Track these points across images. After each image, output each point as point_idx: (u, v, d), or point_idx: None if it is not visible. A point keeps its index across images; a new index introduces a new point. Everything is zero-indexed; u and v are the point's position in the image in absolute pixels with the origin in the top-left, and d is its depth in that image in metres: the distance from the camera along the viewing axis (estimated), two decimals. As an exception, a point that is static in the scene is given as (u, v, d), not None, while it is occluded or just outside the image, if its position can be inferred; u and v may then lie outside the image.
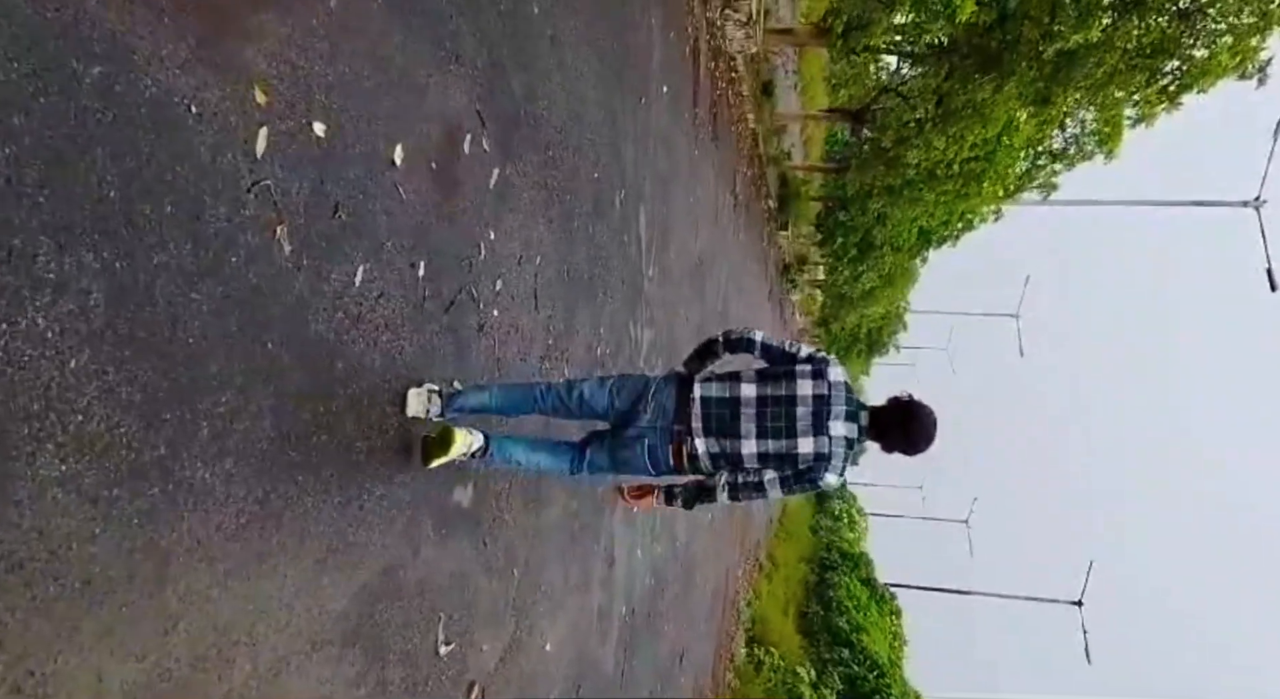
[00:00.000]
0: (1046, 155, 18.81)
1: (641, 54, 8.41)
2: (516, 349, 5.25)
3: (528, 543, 5.62)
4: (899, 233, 24.53)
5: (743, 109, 17.41)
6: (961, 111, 12.45)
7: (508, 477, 5.18)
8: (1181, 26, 10.19)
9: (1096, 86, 11.60)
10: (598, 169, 6.86)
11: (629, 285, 8.22)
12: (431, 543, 4.19)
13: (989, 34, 11.75)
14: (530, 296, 5.46)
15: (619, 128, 7.54)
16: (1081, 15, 10.11)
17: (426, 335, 4.04)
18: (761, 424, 3.66)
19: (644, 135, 8.55)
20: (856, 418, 3.72)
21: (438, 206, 4.10)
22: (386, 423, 3.71)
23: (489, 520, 4.94)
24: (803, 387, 3.68)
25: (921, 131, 15.67)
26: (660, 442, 3.79)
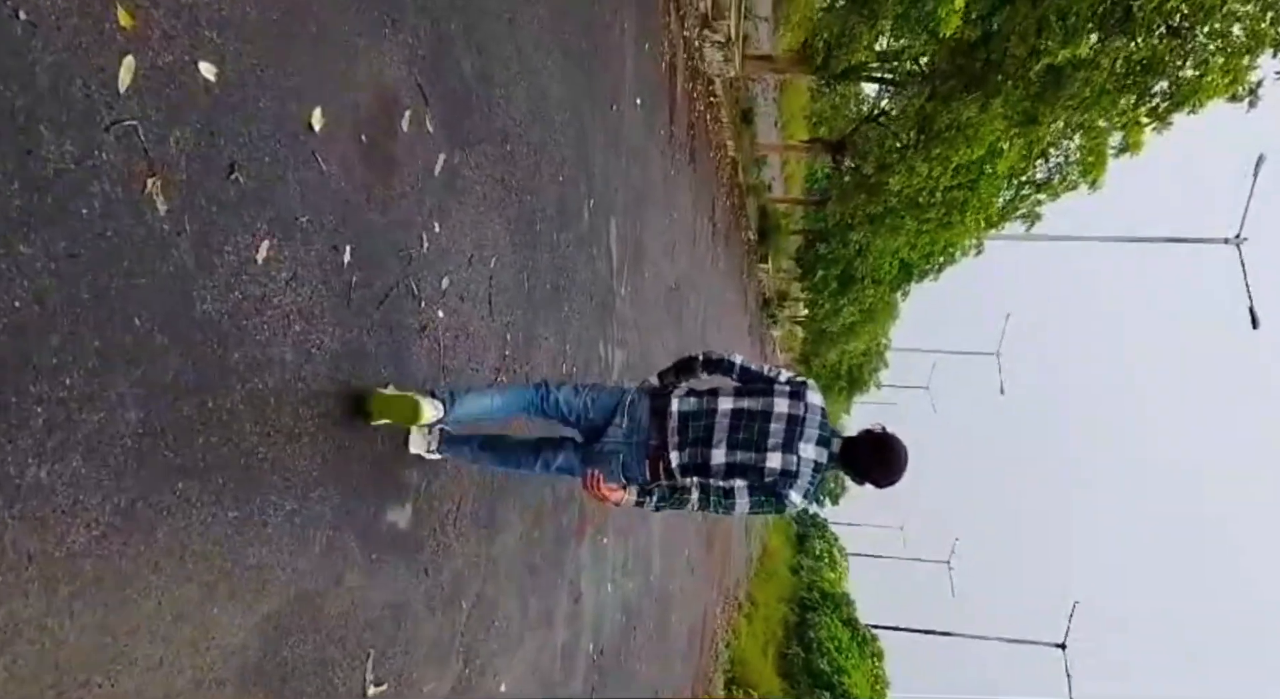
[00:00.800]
0: (1030, 185, 18.53)
1: (613, 59, 8.01)
2: (467, 356, 4.76)
3: (480, 573, 5.09)
4: (880, 265, 24.19)
5: (721, 135, 17.08)
6: (945, 132, 12.11)
7: (455, 497, 4.67)
8: (1172, 43, 9.91)
9: (1085, 105, 11.29)
10: (563, 172, 6.41)
11: (599, 302, 7.75)
12: (359, 569, 3.67)
13: (973, 53, 11.45)
14: (484, 301, 4.98)
15: (587, 132, 7.11)
16: (1069, 33, 9.81)
17: (354, 331, 3.54)
18: (733, 436, 3.66)
19: (615, 145, 8.13)
20: (828, 444, 3.72)
21: (369, 187, 3.63)
22: (300, 427, 3.20)
23: (432, 546, 4.42)
24: (779, 404, 3.69)
25: (904, 157, 15.34)
26: (635, 457, 3.77)
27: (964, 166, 15.98)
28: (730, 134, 17.61)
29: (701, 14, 13.03)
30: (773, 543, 44.57)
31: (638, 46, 9.07)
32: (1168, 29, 9.95)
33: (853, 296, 27.28)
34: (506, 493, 5.48)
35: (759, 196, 24.06)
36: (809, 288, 29.38)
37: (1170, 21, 10.00)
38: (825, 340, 41.63)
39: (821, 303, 28.33)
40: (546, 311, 6.18)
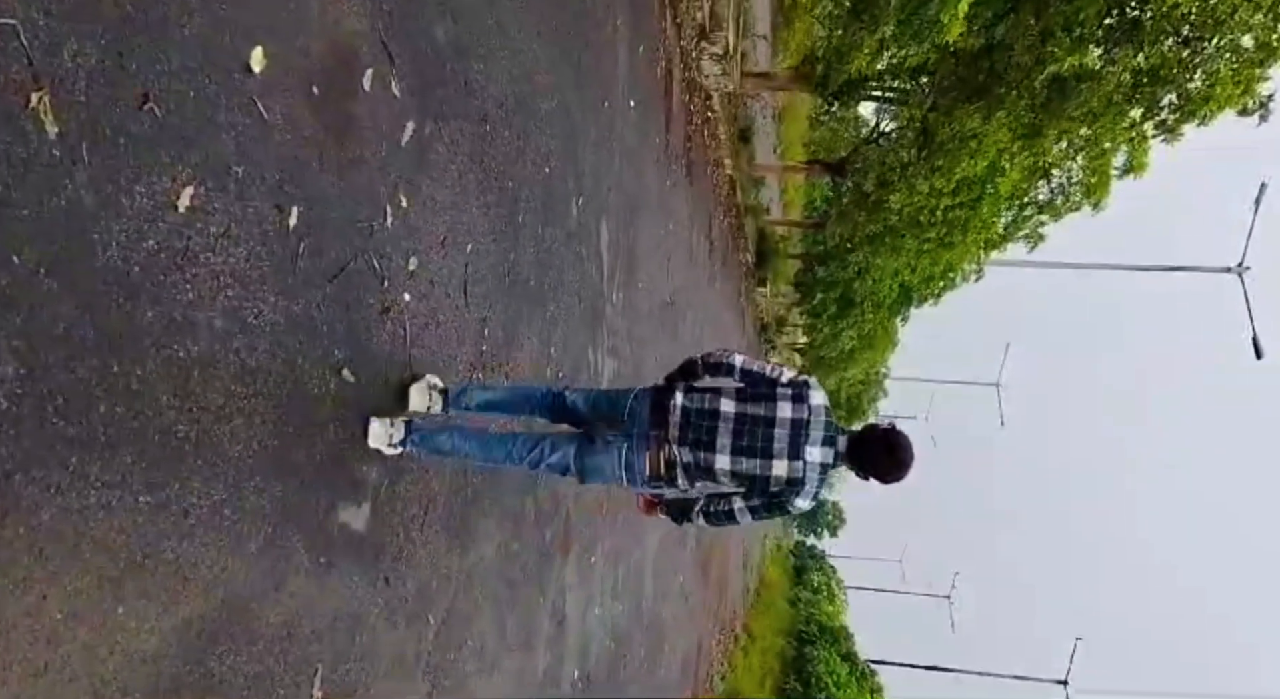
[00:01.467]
0: (1032, 206, 18.25)
1: (604, 56, 7.69)
2: (438, 346, 4.38)
3: (450, 586, 4.69)
4: (880, 288, 23.86)
5: (719, 152, 16.79)
6: (948, 144, 11.79)
7: (422, 501, 4.28)
8: (1181, 53, 9.61)
9: (1090, 117, 10.98)
10: (549, 164, 6.06)
11: (588, 307, 7.39)
12: (305, 572, 3.27)
13: (976, 63, 11.16)
14: (458, 290, 4.61)
15: (576, 127, 6.77)
16: (1075, 42, 9.52)
17: (301, 303, 3.17)
18: (737, 442, 3.60)
19: (607, 144, 7.79)
20: (834, 443, 3.66)
21: (321, 146, 3.27)
22: (233, 406, 2.82)
23: (394, 552, 4.02)
24: (782, 409, 3.62)
25: (905, 174, 15.04)
26: (637, 449, 3.73)
27: (966, 185, 15.71)
28: (728, 151, 17.32)
29: (699, 25, 12.77)
30: (771, 574, 44.01)
31: (631, 49, 8.76)
32: (1177, 39, 9.66)
33: (851, 321, 26.92)
34: (482, 500, 5.09)
35: (757, 218, 23.78)
36: (808, 312, 29.05)
37: (1179, 31, 9.71)
38: (823, 367, 41.20)
39: (820, 327, 27.99)
40: (530, 310, 5.81)
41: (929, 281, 23.95)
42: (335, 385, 3.42)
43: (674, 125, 11.62)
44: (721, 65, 13.86)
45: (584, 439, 3.88)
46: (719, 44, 13.20)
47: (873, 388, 50.78)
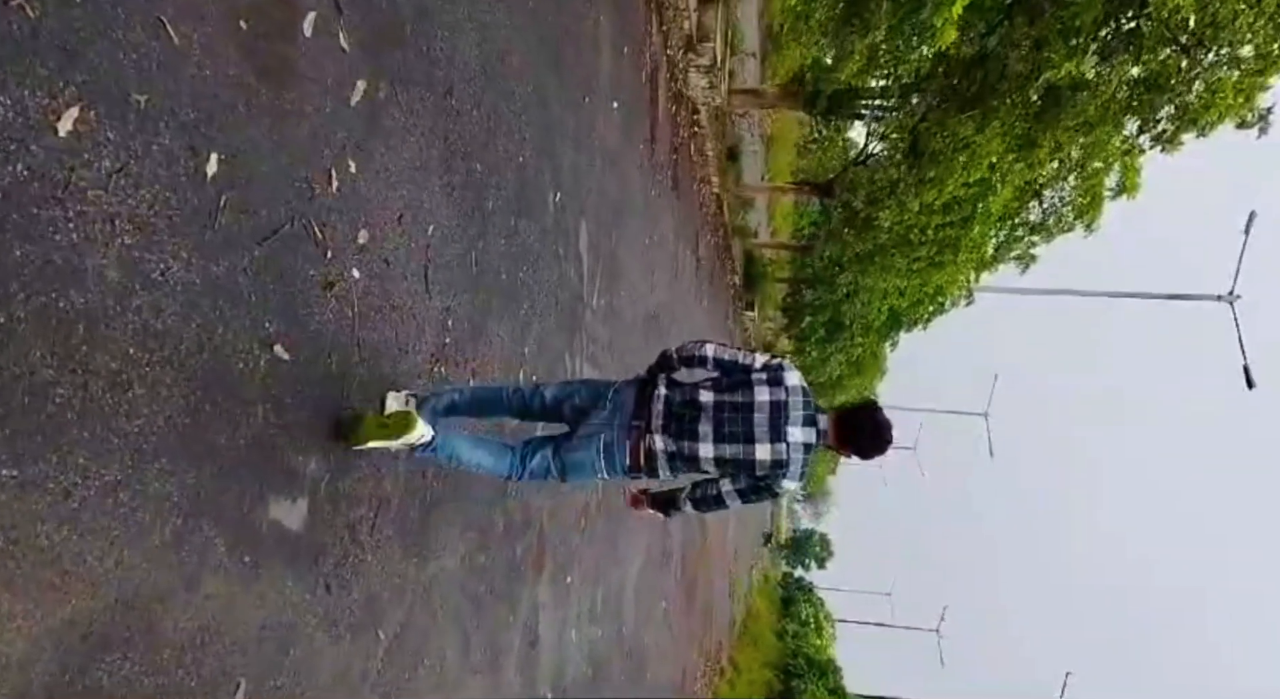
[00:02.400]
0: (1023, 227, 17.99)
1: (585, 49, 7.37)
2: (392, 333, 3.99)
3: (405, 598, 4.27)
4: (869, 311, 23.57)
5: (706, 169, 16.50)
6: (940, 154, 11.50)
7: (371, 501, 3.87)
8: (1181, 60, 9.35)
9: (1087, 127, 10.71)
10: (523, 153, 5.70)
11: (567, 309, 7.01)
12: (225, 572, 2.87)
13: (968, 73, 10.90)
14: (417, 274, 4.23)
15: (553, 118, 6.43)
16: (1071, 51, 9.26)
17: (221, 263, 2.78)
18: (719, 429, 3.62)
19: (587, 142, 7.45)
20: (815, 422, 3.67)
21: (249, 89, 2.89)
22: (131, 373, 2.43)
23: (338, 557, 3.61)
24: (760, 393, 3.64)
25: (895, 192, 14.76)
26: (617, 439, 3.72)
27: (956, 203, 15.45)
28: (715, 169, 17.03)
29: (686, 35, 12.50)
30: (758, 605, 43.43)
31: (614, 47, 8.45)
32: (1176, 47, 9.40)
33: (840, 345, 26.61)
34: (444, 506, 4.68)
35: (744, 240, 23.49)
36: (796, 336, 28.74)
37: (1178, 39, 9.46)
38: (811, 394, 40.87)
39: (808, 351, 27.65)
40: (501, 304, 5.43)
41: (918, 305, 23.68)
42: (266, 363, 3.03)
43: (659, 135, 11.31)
44: (709, 78, 13.59)
45: (561, 437, 3.89)
46: (706, 56, 12.93)
47: (861, 417, 50.37)
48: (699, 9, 12.51)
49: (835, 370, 29.31)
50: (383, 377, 3.92)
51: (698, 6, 12.45)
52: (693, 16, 12.32)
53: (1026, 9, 9.77)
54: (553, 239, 6.54)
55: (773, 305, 31.17)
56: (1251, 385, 21.55)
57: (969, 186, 15.64)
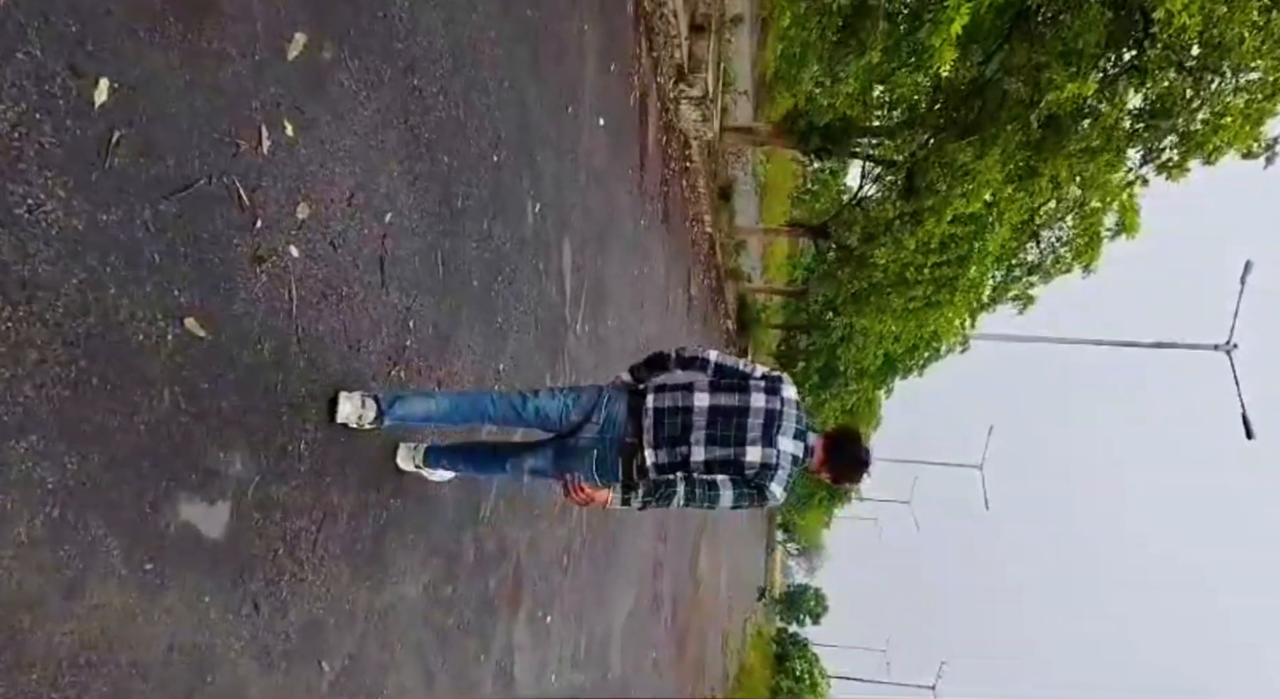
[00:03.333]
0: (1021, 267, 17.71)
1: (568, 54, 7.03)
2: (342, 326, 3.58)
3: (356, 627, 3.81)
4: (864, 356, 23.24)
5: (699, 207, 16.18)
6: (937, 183, 11.18)
7: (312, 512, 3.42)
8: (1187, 82, 9.08)
9: (1090, 153, 10.41)
10: (498, 153, 5.33)
11: (548, 330, 6.61)
12: (120, 580, 2.42)
13: (967, 102, 10.63)
14: (371, 263, 3.82)
15: (533, 122, 6.07)
16: (1073, 73, 8.98)
17: (115, 211, 2.37)
18: (711, 432, 3.61)
19: (570, 155, 7.09)
20: (804, 438, 3.71)
21: (155, 13, 2.50)
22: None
23: (271, 573, 3.16)
24: (756, 399, 3.64)
25: (890, 229, 14.46)
26: (610, 453, 3.71)
27: (953, 241, 15.17)
28: (708, 208, 16.71)
29: (677, 65, 12.23)
30: (751, 660, 42.51)
31: (600, 61, 8.13)
32: (1181, 69, 9.13)
33: (835, 392, 26.23)
34: (403, 526, 4.23)
35: (737, 282, 23.16)
36: (790, 384, 28.28)
37: (1183, 63, 9.19)
38: (806, 444, 40.39)
39: (803, 398, 27.22)
40: (472, 313, 5.02)
41: (913, 351, 23.34)
42: (175, 338, 2.61)
43: (649, 163, 10.98)
44: (701, 110, 13.30)
45: (555, 447, 3.88)
46: (698, 86, 12.64)
47: (856, 467, 49.79)
48: (690, 38, 12.26)
49: (829, 418, 28.87)
50: (330, 373, 3.50)
51: (689, 35, 12.20)
52: (684, 45, 12.06)
53: (1025, 33, 9.53)
54: (532, 252, 6.15)
55: (766, 352, 30.78)
56: (1251, 436, 21.17)
57: (965, 223, 15.39)
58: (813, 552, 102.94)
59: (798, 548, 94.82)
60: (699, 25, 12.53)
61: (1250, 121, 9.52)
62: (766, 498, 3.65)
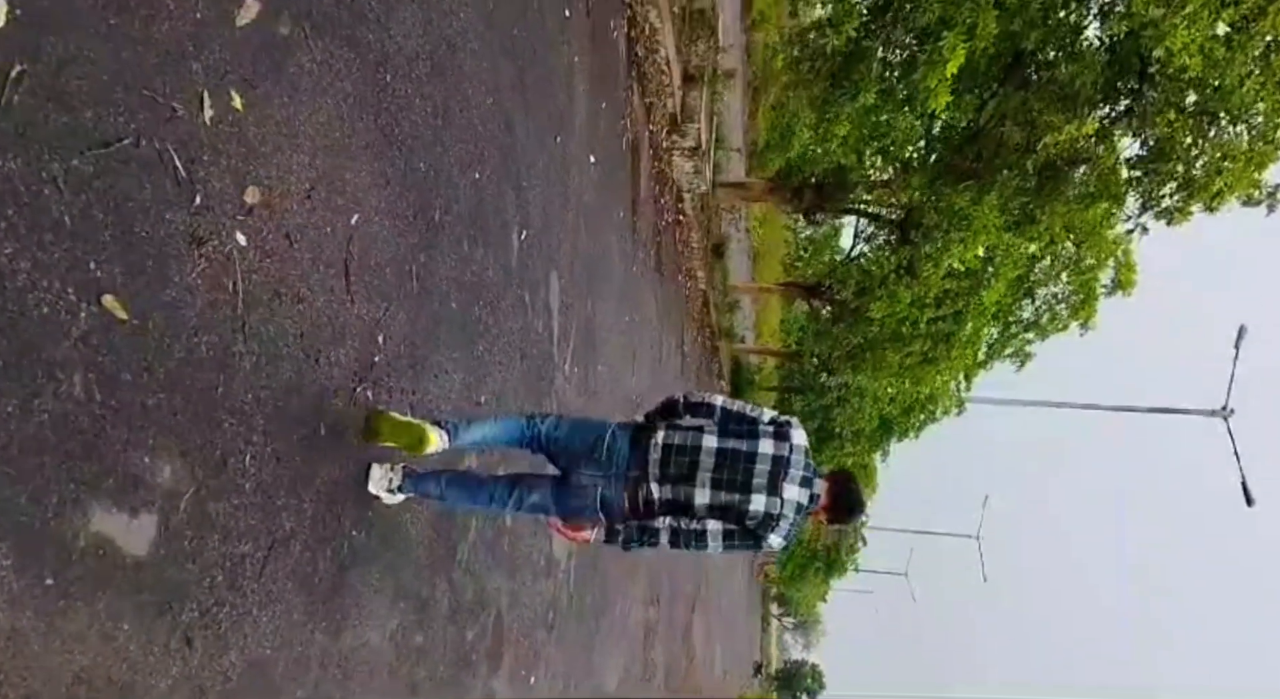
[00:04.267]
0: (1017, 324, 17.47)
1: (557, 82, 6.79)
2: (297, 330, 3.22)
3: (310, 673, 3.39)
4: (859, 417, 22.90)
5: (692, 262, 15.97)
6: (934, 232, 10.94)
7: (261, 537, 3.03)
8: (1188, 123, 8.88)
9: (1088, 199, 10.19)
10: (480, 171, 5.04)
11: (535, 368, 6.27)
12: (9, 597, 2.03)
13: (961, 151, 10.45)
14: (335, 268, 3.48)
15: (518, 146, 5.79)
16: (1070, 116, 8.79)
17: (11, 158, 2.03)
18: (717, 475, 3.59)
19: (559, 187, 6.82)
20: (811, 485, 3.68)
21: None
22: None
23: (207, 603, 2.76)
24: (764, 445, 3.63)
25: (885, 283, 14.24)
26: (615, 489, 3.67)
27: (948, 297, 14.98)
28: (701, 264, 16.51)
29: (670, 114, 12.08)
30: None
31: (592, 97, 7.91)
32: (1180, 111, 8.94)
33: (830, 455, 25.81)
34: (367, 564, 3.83)
35: (731, 342, 22.90)
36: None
37: (1182, 105, 9.01)
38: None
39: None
40: (451, 338, 4.68)
41: (909, 412, 23.00)
42: (89, 316, 2.25)
43: (642, 209, 10.74)
44: (694, 162, 13.15)
45: (560, 480, 3.83)
46: (690, 137, 12.50)
47: (852, 535, 49.06)
48: (683, 88, 12.14)
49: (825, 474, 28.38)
50: (282, 381, 3.13)
51: (682, 85, 12.08)
52: (676, 95, 11.93)
53: (1020, 78, 9.37)
54: (517, 282, 5.83)
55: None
56: (1250, 503, 20.81)
57: (961, 278, 15.20)
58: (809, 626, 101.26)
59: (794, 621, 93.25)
60: (691, 76, 12.43)
61: (1253, 165, 9.31)
62: (761, 547, 3.73)
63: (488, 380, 5.32)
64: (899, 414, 23.24)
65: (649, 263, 11.46)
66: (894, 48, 8.98)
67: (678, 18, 11.52)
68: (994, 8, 8.00)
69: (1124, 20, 8.00)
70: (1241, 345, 21.12)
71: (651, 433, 3.73)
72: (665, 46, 10.92)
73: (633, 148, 10.10)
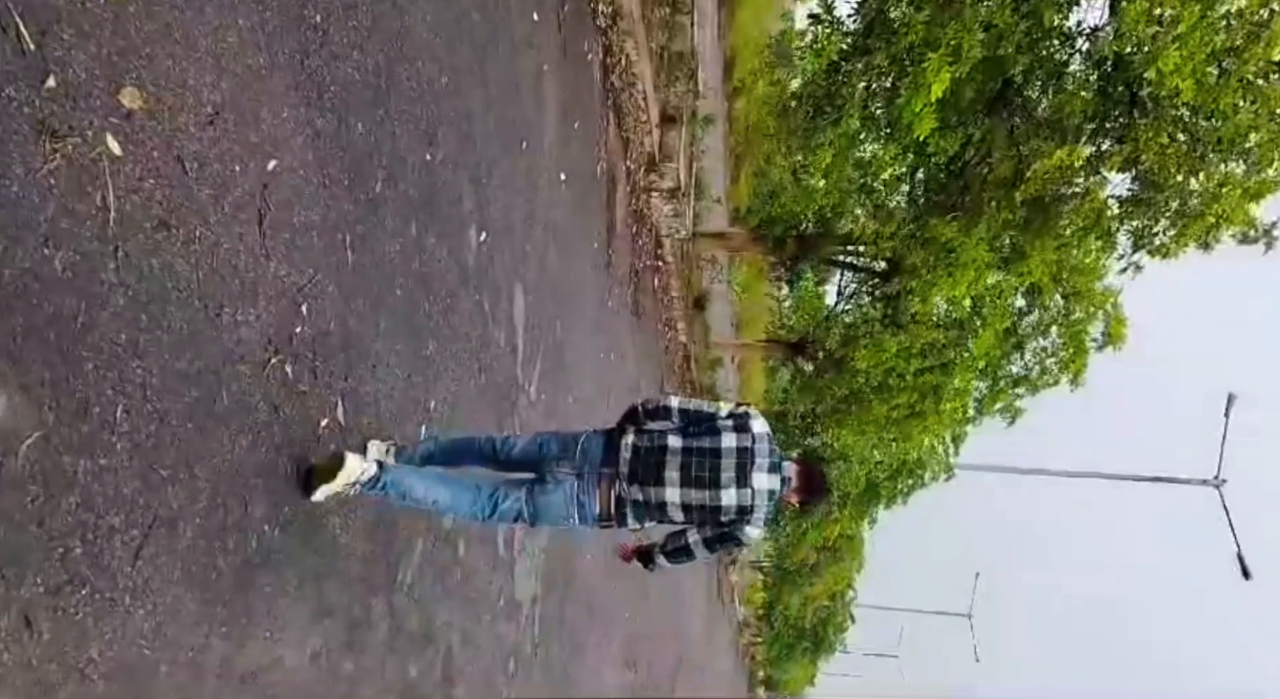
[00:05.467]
0: (1007, 379, 17.13)
1: (523, 88, 6.44)
2: (193, 273, 2.75)
3: (202, 685, 2.86)
4: (846, 479, 22.33)
5: (673, 313, 15.59)
6: (920, 269, 10.59)
7: (137, 512, 2.53)
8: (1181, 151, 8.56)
9: (1082, 232, 9.87)
10: (431, 150, 4.64)
11: (494, 385, 5.81)
12: None
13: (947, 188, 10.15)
14: (244, 212, 3.03)
15: (478, 139, 5.41)
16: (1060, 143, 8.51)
17: None
18: (685, 474, 3.66)
19: (524, 194, 6.43)
20: (779, 470, 3.76)
21: None
22: None
23: (53, 577, 2.26)
24: (726, 439, 3.70)
25: (871, 332, 13.89)
26: (587, 488, 3.74)
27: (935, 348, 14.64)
28: (682, 314, 16.13)
29: (648, 153, 11.79)
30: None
31: (563, 113, 7.56)
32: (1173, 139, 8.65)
33: (815, 521, 25.11)
34: (285, 569, 3.32)
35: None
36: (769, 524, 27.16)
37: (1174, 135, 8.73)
38: (787, 582, 39.02)
39: (782, 526, 26.09)
40: (394, 328, 4.22)
41: (897, 476, 22.48)
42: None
43: (618, 244, 10.36)
44: (673, 205, 12.85)
45: (535, 481, 3.85)
46: (669, 178, 12.20)
47: (840, 613, 47.99)
48: (661, 126, 11.88)
49: (813, 541, 27.69)
50: (170, 328, 2.67)
51: (660, 124, 11.82)
52: (654, 133, 11.66)
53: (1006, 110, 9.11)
54: (476, 286, 5.40)
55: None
56: (1248, 576, 20.32)
57: (948, 328, 14.87)
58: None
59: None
60: (670, 117, 12.19)
61: (1249, 195, 9.02)
62: (742, 543, 3.80)
63: (438, 385, 4.85)
64: (886, 478, 22.78)
65: (626, 302, 11.06)
66: (876, 72, 8.71)
67: (656, 56, 11.30)
68: (981, 30, 7.75)
69: (1114, 42, 7.75)
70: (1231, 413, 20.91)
71: (623, 435, 3.81)
72: (643, 82, 10.67)
73: (609, 180, 9.76)
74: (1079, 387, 16.93)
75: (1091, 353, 16.44)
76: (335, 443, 3.71)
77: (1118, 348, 16.62)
